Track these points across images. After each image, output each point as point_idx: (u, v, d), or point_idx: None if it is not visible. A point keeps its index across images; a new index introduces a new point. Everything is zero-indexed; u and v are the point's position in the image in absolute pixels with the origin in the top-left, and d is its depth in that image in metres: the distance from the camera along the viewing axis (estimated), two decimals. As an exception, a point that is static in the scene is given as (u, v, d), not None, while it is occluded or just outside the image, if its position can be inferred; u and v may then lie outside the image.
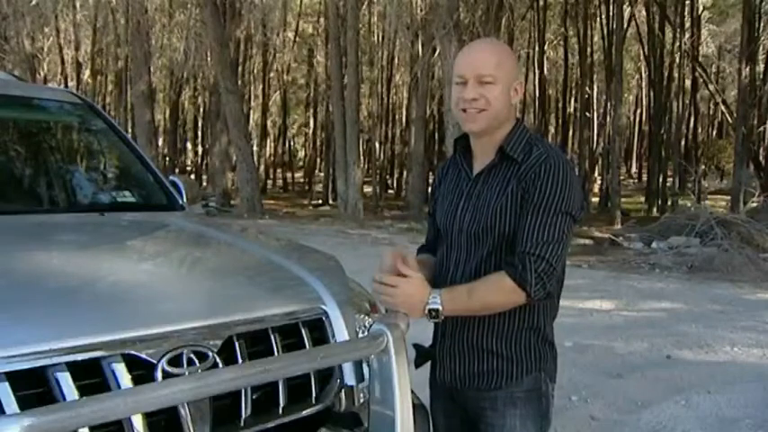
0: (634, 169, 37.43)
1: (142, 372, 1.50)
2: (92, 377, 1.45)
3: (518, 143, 1.78)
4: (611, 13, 21.59)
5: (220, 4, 18.96)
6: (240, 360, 1.66)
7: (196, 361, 1.57)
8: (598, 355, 5.28)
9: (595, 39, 25.20)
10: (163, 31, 23.12)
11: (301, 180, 34.64)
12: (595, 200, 23.24)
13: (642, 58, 26.34)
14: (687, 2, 22.01)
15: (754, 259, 9.86)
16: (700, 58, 22.37)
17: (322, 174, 29.60)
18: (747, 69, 17.14)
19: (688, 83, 24.55)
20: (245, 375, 1.56)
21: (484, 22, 15.28)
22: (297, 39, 29.70)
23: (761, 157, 21.56)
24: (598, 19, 24.34)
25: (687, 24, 21.97)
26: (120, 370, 1.47)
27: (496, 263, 1.75)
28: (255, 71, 31.29)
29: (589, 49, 24.28)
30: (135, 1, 18.14)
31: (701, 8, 23.62)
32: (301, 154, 36.09)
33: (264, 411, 1.70)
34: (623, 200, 19.58)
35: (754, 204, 13.14)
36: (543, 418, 1.82)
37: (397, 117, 30.98)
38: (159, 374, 1.52)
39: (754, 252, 10.19)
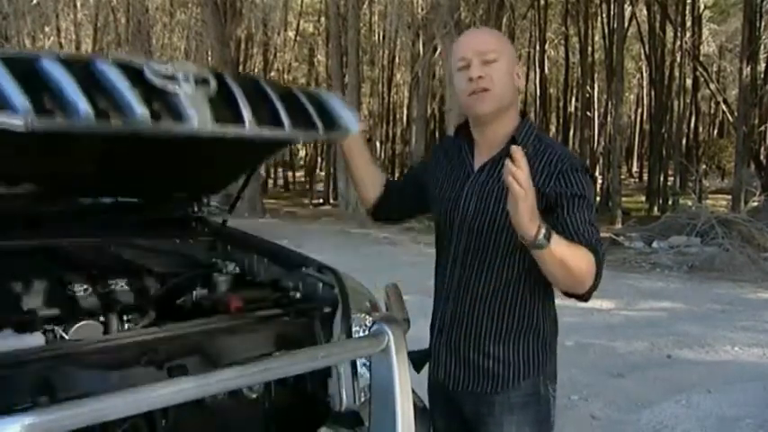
0: (635, 168, 37.36)
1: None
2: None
3: (528, 136, 1.76)
4: (612, 13, 21.58)
5: (221, 4, 18.91)
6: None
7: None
8: (598, 354, 5.28)
9: (596, 38, 25.18)
10: (164, 30, 23.13)
11: (302, 179, 34.61)
12: (596, 199, 23.20)
13: (643, 57, 26.32)
14: (688, 1, 21.98)
15: (754, 259, 9.85)
16: (701, 58, 22.33)
17: (323, 173, 29.59)
18: (748, 69, 17.11)
19: (689, 82, 24.50)
20: (245, 375, 1.57)
21: (485, 21, 15.27)
22: (297, 38, 29.68)
23: (762, 157, 21.52)
24: (599, 18, 24.33)
25: (688, 23, 21.94)
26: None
27: (519, 263, 1.71)
28: (256, 70, 31.24)
29: (590, 49, 24.27)
30: (136, 0, 18.15)
31: (702, 7, 23.58)
32: (302, 153, 36.07)
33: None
34: (624, 199, 19.56)
35: (755, 204, 13.12)
36: (542, 423, 1.79)
37: (397, 116, 30.97)
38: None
39: (755, 251, 10.17)
